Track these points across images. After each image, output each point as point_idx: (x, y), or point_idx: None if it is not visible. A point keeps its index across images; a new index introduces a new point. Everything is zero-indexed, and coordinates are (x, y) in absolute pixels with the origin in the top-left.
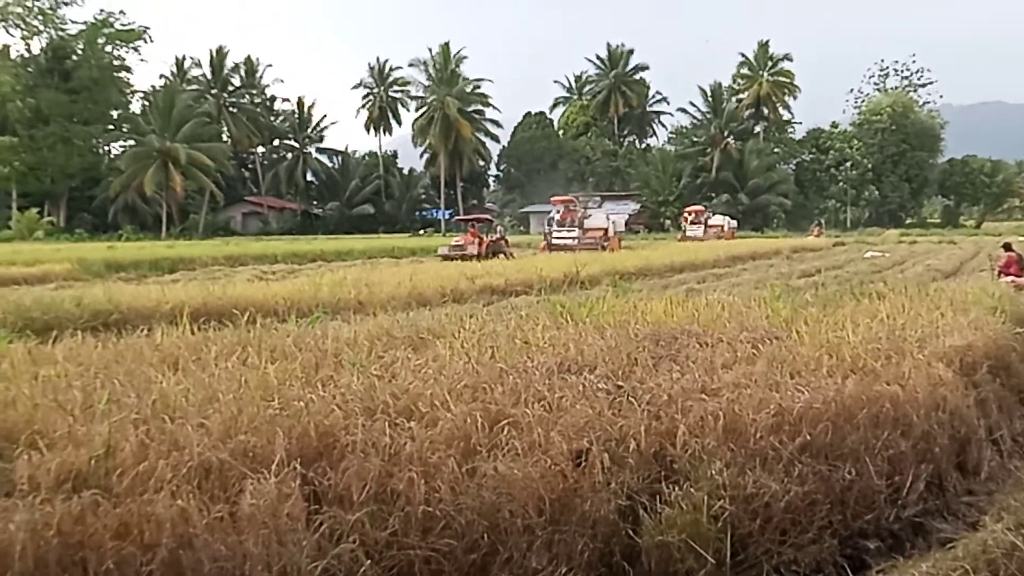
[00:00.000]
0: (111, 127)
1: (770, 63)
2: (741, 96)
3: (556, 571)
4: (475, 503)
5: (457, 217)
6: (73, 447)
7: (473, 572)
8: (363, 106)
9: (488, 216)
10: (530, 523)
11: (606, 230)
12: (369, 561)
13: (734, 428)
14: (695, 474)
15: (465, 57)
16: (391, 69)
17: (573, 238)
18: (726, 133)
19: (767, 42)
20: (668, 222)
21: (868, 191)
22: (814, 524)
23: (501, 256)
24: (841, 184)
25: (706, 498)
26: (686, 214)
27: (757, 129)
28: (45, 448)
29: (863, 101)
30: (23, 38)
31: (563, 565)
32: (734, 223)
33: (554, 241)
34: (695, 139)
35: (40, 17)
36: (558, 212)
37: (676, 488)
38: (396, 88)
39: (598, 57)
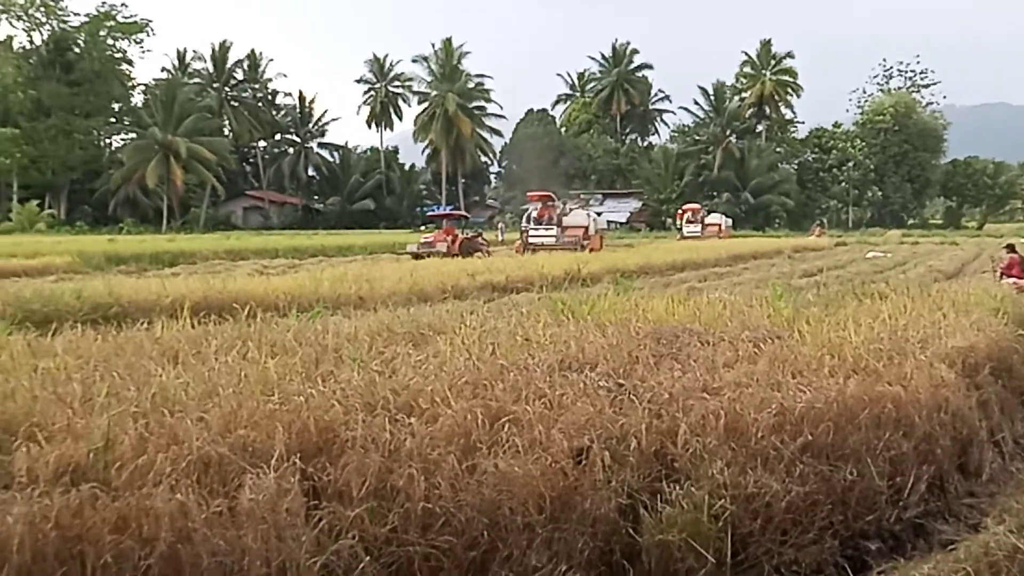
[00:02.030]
0: (112, 120)
1: (773, 62)
2: (744, 95)
3: (556, 569)
4: (475, 500)
5: (429, 213)
6: (72, 440)
7: (473, 569)
8: (364, 101)
9: (462, 212)
10: (530, 521)
11: (586, 228)
12: (368, 557)
13: (735, 427)
14: (696, 473)
15: (467, 53)
16: (392, 64)
17: (551, 236)
18: (728, 132)
19: (770, 41)
20: (670, 220)
21: (870, 191)
22: (815, 524)
23: (478, 255)
24: (843, 184)
25: (707, 497)
26: (682, 213)
27: (759, 128)
28: (44, 441)
29: (866, 101)
30: (25, 30)
31: (563, 563)
32: (730, 222)
33: (530, 240)
34: (697, 137)
35: (42, 9)
36: (535, 209)
37: (677, 487)
38: (397, 83)
39: (601, 55)
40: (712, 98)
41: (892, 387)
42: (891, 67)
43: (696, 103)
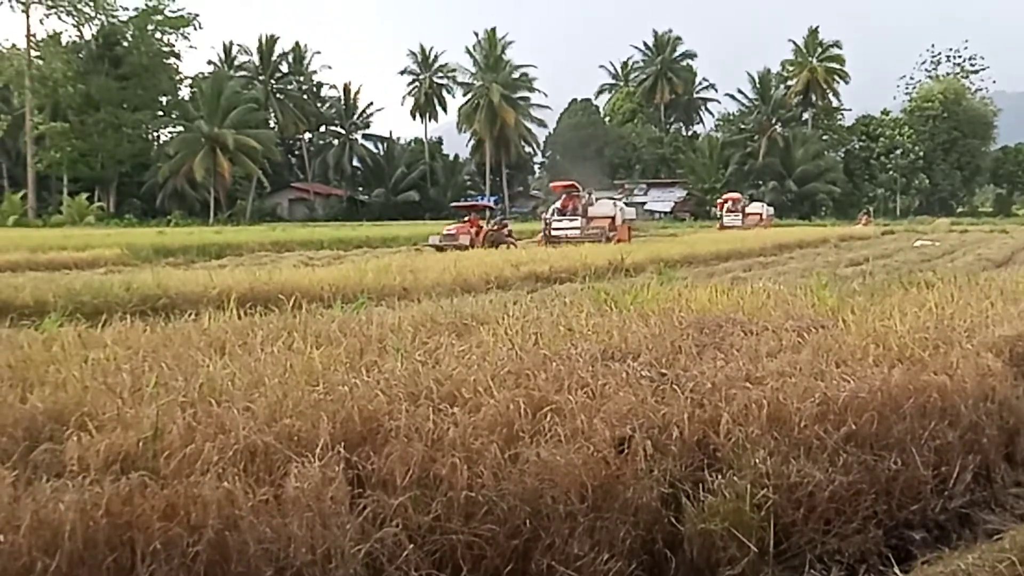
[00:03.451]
0: (160, 113)
1: (820, 49)
2: (790, 83)
3: (598, 558)
4: (517, 489)
5: (454, 204)
6: (122, 429)
7: (515, 557)
8: (409, 92)
9: (488, 204)
10: (572, 509)
11: (612, 219)
12: (412, 545)
13: (778, 417)
14: (738, 462)
15: (511, 43)
16: (437, 55)
17: (576, 227)
18: (774, 120)
19: (817, 28)
20: (714, 209)
21: (918, 179)
22: (859, 514)
23: (503, 247)
24: (891, 172)
25: (749, 487)
26: (722, 202)
27: (805, 116)
28: (94, 430)
29: (914, 88)
30: (75, 25)
31: (605, 551)
32: (771, 211)
33: (553, 232)
34: (743, 126)
35: (91, 4)
36: (559, 199)
37: (719, 476)
38: (441, 74)
39: (644, 44)
40: (758, 86)
41: (938, 376)
42: (939, 53)
43: (741, 91)
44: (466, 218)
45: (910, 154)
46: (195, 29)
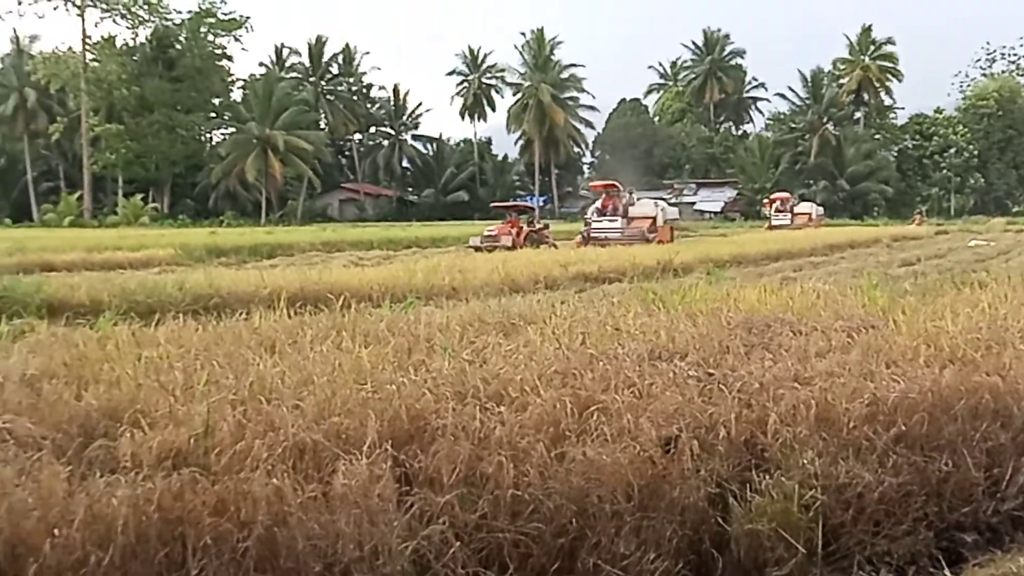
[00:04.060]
0: (213, 115)
1: (872, 47)
2: (842, 81)
3: (644, 557)
4: (564, 488)
5: (493, 204)
6: (174, 426)
7: (561, 556)
8: (457, 93)
9: (528, 204)
10: (618, 508)
11: (653, 219)
12: (458, 543)
13: (827, 417)
14: (786, 463)
15: (560, 43)
16: (485, 56)
17: (616, 228)
18: (825, 119)
19: (870, 26)
20: (764, 209)
21: (973, 178)
22: (909, 516)
23: (543, 247)
24: (945, 171)
25: (797, 487)
26: (770, 202)
27: (857, 115)
28: (147, 427)
29: (968, 85)
30: (129, 28)
31: (651, 551)
32: (821, 210)
33: (593, 233)
34: (793, 125)
35: (145, 7)
36: (599, 199)
37: (766, 476)
38: (490, 75)
39: (693, 43)
40: (809, 85)
41: (990, 377)
42: (995, 50)
43: (792, 89)
44: (508, 219)
45: (964, 153)
46: (246, 31)
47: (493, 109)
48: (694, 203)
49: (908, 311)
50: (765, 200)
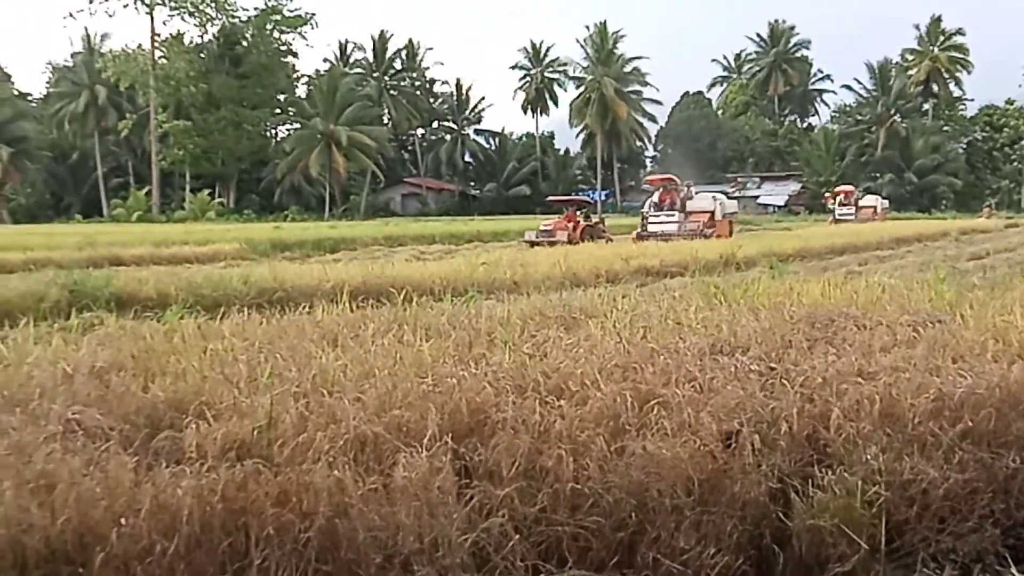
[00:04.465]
0: (278, 111)
1: (942, 38)
2: (910, 73)
3: (704, 552)
4: (623, 482)
5: (551, 197)
6: (237, 418)
7: (620, 550)
8: (520, 87)
9: (587, 199)
10: (678, 503)
11: (712, 213)
12: (517, 536)
13: (891, 413)
14: (849, 458)
15: (623, 36)
16: (548, 49)
17: (673, 223)
18: (892, 111)
19: (940, 17)
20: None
21: None
22: (975, 512)
23: (601, 241)
24: (1015, 163)
25: (860, 483)
26: (833, 195)
27: (925, 107)
28: (212, 418)
29: None
30: (196, 25)
31: (711, 546)
32: (886, 203)
33: (649, 228)
34: (859, 117)
35: (212, 5)
36: (656, 193)
37: (829, 472)
38: (552, 69)
39: (758, 35)
40: (876, 76)
41: None
42: None
43: (858, 81)
44: (564, 213)
45: None
46: (312, 28)
47: (556, 103)
48: (757, 197)
49: (976, 305)
50: (827, 193)
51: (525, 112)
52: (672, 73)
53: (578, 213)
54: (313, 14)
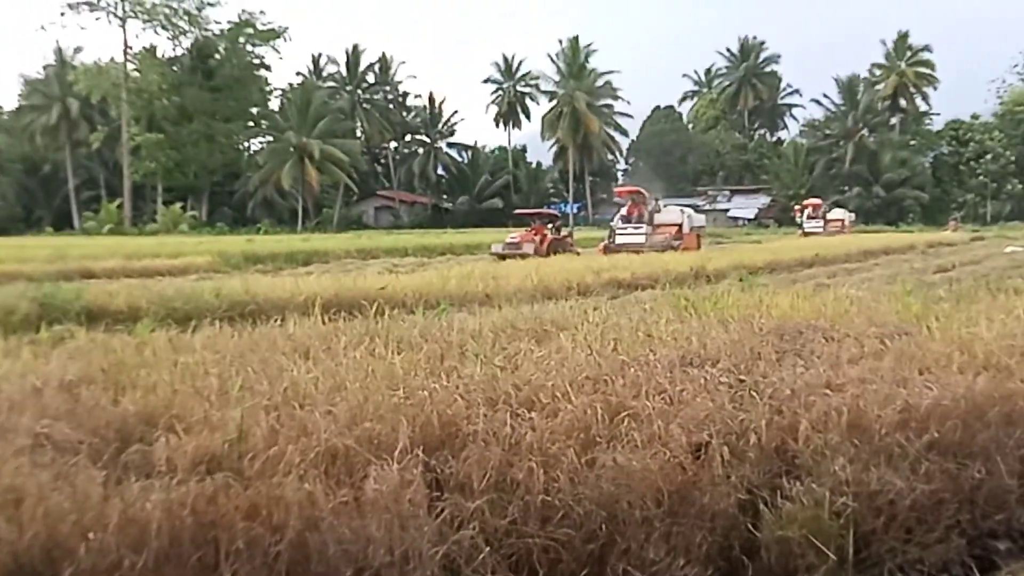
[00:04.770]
0: (251, 124)
1: (909, 53)
2: (877, 87)
3: (674, 563)
4: (594, 494)
5: (517, 211)
6: (208, 431)
7: (591, 562)
8: (492, 101)
9: (554, 212)
10: (648, 515)
11: (679, 226)
12: (488, 548)
13: (858, 424)
14: (817, 470)
15: (594, 51)
16: (520, 63)
17: (640, 235)
18: (860, 125)
19: (907, 33)
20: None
21: (1010, 184)
22: (941, 523)
23: (569, 254)
24: (981, 177)
25: (828, 494)
26: (801, 208)
27: (893, 121)
28: (182, 431)
29: (1005, 91)
30: (169, 38)
31: (681, 557)
32: (853, 216)
33: (617, 240)
34: (828, 132)
35: (186, 18)
36: (624, 206)
37: (797, 483)
38: (525, 83)
39: (728, 50)
40: (845, 91)
41: None
42: None
43: (827, 96)
44: (532, 226)
45: (1001, 159)
46: (285, 41)
47: (528, 117)
48: (728, 210)
49: (942, 317)
50: (796, 207)
51: (497, 125)
52: (643, 87)
53: (546, 227)
54: (286, 28)
